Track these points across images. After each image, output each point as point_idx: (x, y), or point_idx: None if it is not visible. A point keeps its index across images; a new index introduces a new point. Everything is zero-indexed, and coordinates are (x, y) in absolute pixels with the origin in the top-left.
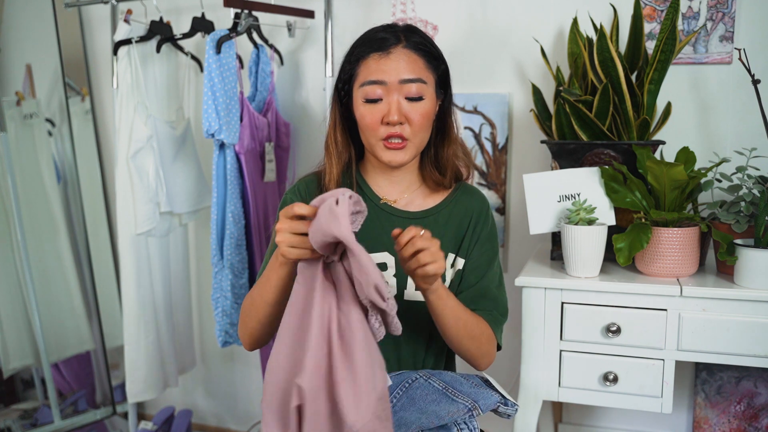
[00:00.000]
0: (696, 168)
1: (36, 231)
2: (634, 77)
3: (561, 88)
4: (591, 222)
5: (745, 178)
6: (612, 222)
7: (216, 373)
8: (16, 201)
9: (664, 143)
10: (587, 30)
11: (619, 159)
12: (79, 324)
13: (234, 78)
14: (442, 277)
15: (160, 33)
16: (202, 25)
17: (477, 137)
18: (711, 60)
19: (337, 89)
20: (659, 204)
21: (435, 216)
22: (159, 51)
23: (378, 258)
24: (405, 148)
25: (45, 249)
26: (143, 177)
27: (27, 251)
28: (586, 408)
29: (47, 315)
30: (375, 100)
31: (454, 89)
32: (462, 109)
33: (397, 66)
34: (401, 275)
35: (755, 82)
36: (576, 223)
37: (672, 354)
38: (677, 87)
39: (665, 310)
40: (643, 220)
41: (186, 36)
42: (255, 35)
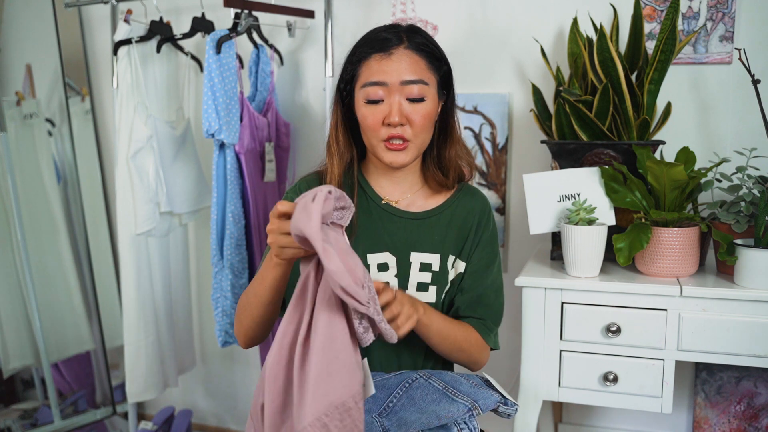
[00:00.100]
0: (696, 168)
1: (36, 231)
2: (634, 77)
3: (561, 88)
4: (591, 222)
5: (745, 178)
6: (612, 222)
7: (216, 373)
8: (16, 201)
9: (664, 143)
10: (587, 30)
11: (619, 159)
12: (79, 324)
13: (234, 78)
14: (442, 278)
15: (160, 33)
16: (202, 25)
17: (477, 137)
18: (711, 60)
19: (339, 89)
20: (659, 204)
21: (437, 217)
22: (159, 51)
23: (380, 258)
24: (406, 149)
25: (45, 249)
26: (143, 177)
27: (27, 251)
28: (586, 408)
29: (47, 315)
30: (376, 101)
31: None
32: (462, 109)
33: (399, 67)
34: (403, 276)
35: (755, 82)
36: (576, 223)
37: (672, 354)
38: (677, 87)
39: (665, 310)
40: (643, 220)
41: (186, 36)
42: (255, 35)
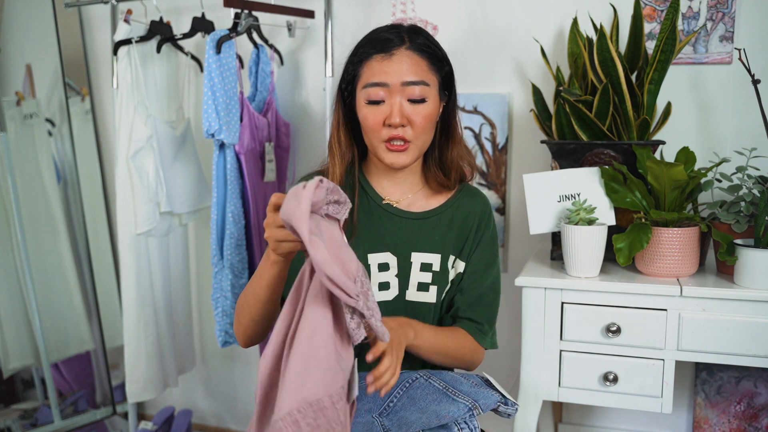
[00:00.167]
0: (696, 168)
1: (36, 231)
2: (634, 77)
3: (561, 88)
4: (591, 222)
5: (745, 178)
6: (612, 222)
7: (216, 373)
8: (16, 201)
9: (664, 143)
10: (587, 30)
11: (619, 159)
12: (79, 324)
13: (234, 78)
14: (443, 278)
15: (160, 33)
16: (202, 25)
17: (477, 137)
18: (711, 60)
19: (341, 89)
20: (659, 204)
21: (437, 217)
22: (159, 51)
23: (381, 258)
24: (407, 150)
25: (45, 249)
26: (143, 177)
27: (27, 251)
28: (586, 408)
29: (47, 315)
30: (377, 101)
31: None
32: (462, 109)
33: (400, 68)
34: (403, 276)
35: (755, 82)
36: (576, 223)
37: (672, 354)
38: (677, 87)
39: (665, 310)
40: (643, 220)
41: (186, 36)
42: (255, 35)
